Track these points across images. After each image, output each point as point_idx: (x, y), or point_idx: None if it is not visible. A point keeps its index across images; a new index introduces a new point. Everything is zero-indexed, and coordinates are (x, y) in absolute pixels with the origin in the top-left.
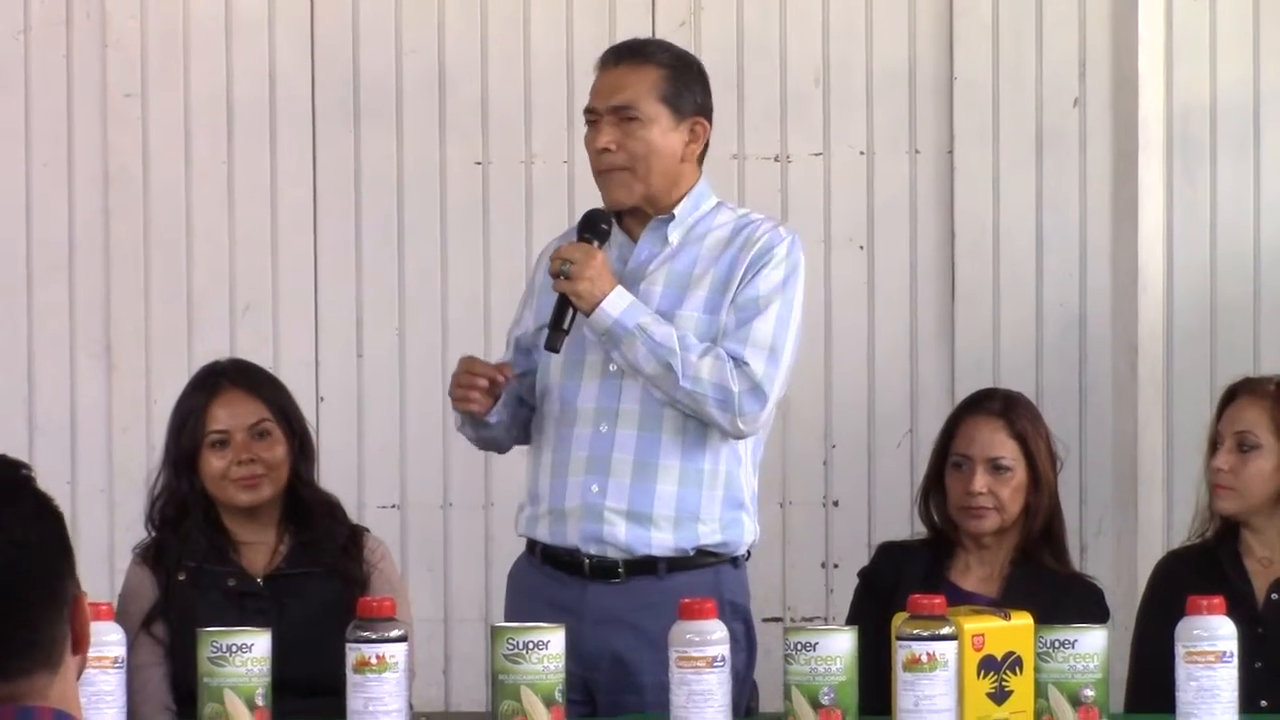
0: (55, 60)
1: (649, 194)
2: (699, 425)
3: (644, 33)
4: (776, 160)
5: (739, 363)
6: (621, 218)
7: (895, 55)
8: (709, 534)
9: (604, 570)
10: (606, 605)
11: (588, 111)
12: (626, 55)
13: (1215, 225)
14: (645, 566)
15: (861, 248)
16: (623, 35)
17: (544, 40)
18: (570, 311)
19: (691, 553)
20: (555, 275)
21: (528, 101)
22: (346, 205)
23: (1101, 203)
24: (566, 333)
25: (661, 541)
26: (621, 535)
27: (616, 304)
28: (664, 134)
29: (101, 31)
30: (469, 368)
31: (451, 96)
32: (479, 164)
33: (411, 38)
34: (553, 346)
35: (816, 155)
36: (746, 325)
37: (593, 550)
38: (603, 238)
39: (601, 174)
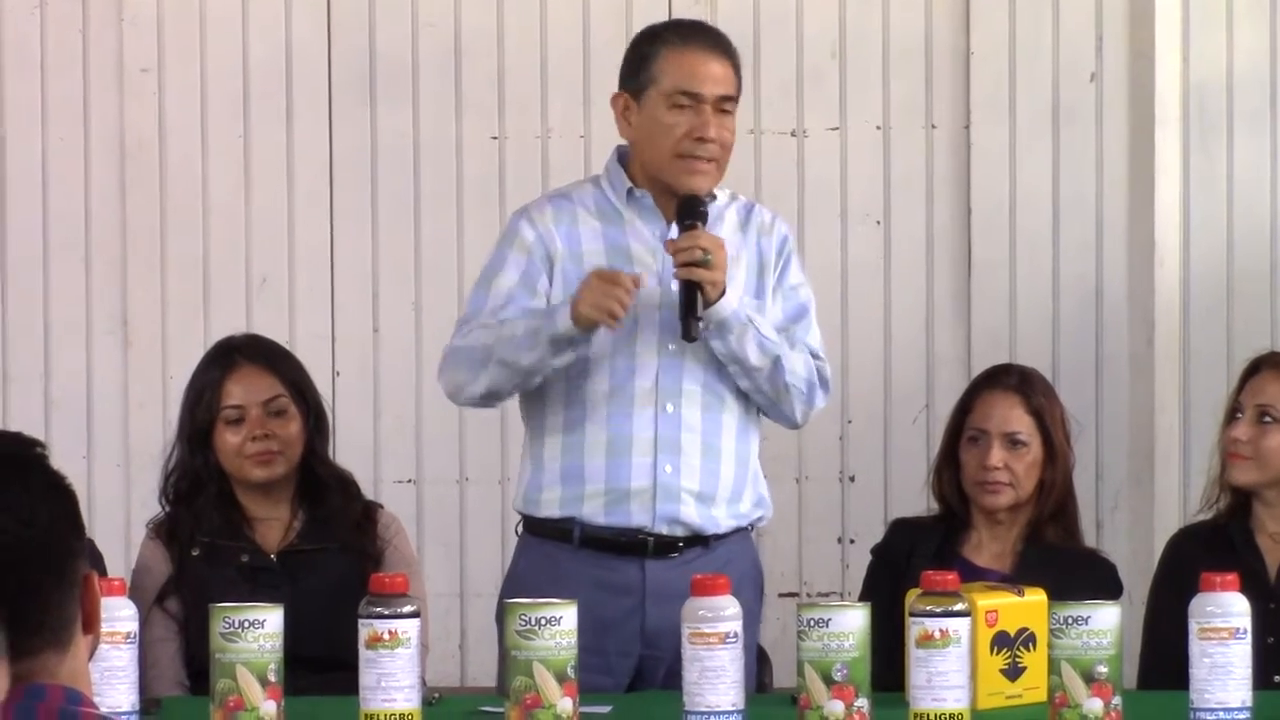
0: (71, 35)
1: (717, 183)
2: (747, 408)
3: (662, 9)
4: (793, 135)
5: (815, 358)
6: (653, 195)
7: (911, 30)
8: (748, 510)
9: (665, 548)
10: (668, 581)
11: (687, 95)
12: (723, 43)
13: (1232, 199)
14: (699, 542)
15: (878, 223)
16: (639, 11)
17: (560, 15)
18: (699, 300)
19: (736, 529)
20: (684, 261)
21: (544, 77)
22: (363, 180)
23: (1118, 177)
24: (701, 320)
25: (721, 519)
26: (694, 515)
27: (733, 295)
28: (732, 127)
29: (118, 6)
30: (613, 276)
31: (468, 72)
32: (495, 139)
33: (428, 12)
34: (693, 336)
35: (833, 130)
36: (805, 318)
37: (664, 530)
38: (704, 221)
39: (690, 160)
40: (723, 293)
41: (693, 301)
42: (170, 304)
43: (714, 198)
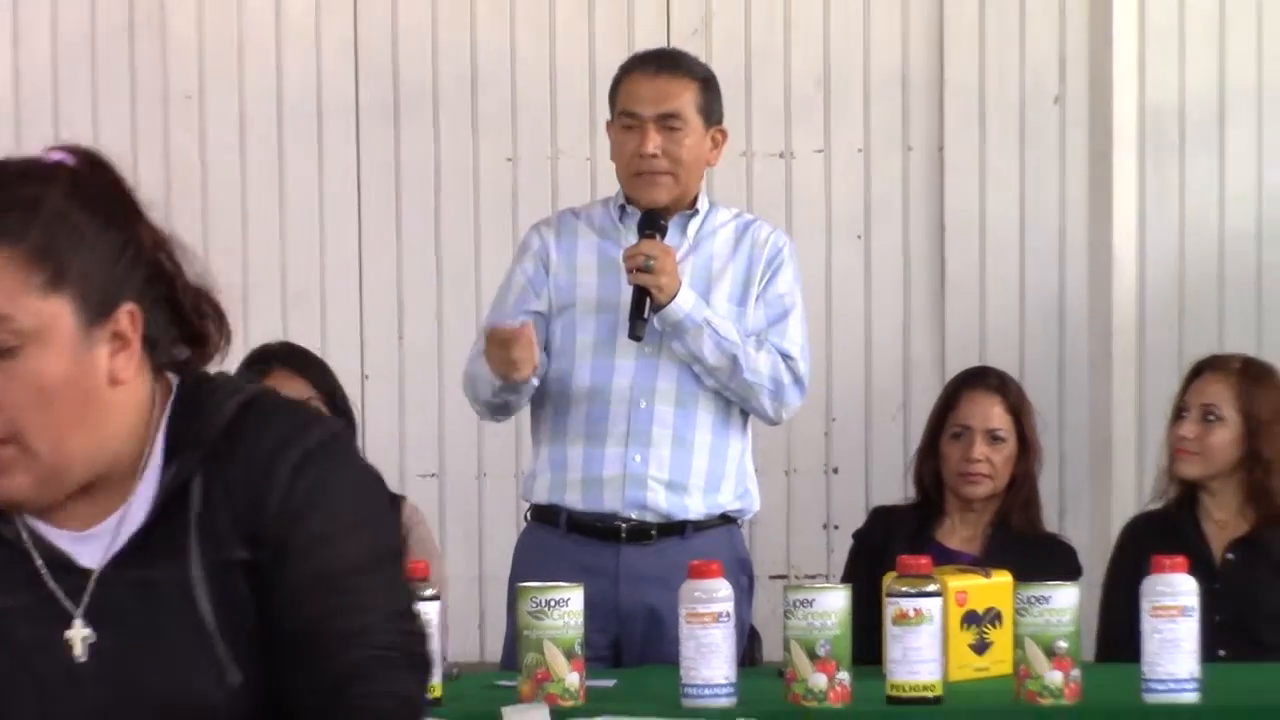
0: (120, 64)
1: (681, 195)
2: (725, 405)
3: (660, 40)
4: (781, 157)
5: (787, 358)
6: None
7: (890, 60)
8: (729, 501)
9: (638, 534)
10: (640, 566)
11: (628, 115)
12: (668, 65)
13: (1183, 216)
14: (674, 529)
15: (859, 237)
16: (641, 42)
17: (568, 46)
18: (648, 303)
19: (715, 517)
20: (635, 270)
21: (553, 102)
22: (388, 199)
23: (1079, 195)
24: (647, 323)
25: (694, 507)
26: (662, 502)
27: (687, 298)
28: (697, 141)
29: (162, 37)
30: (502, 337)
31: (483, 97)
32: (509, 160)
33: (446, 42)
34: (638, 335)
35: (818, 152)
36: (783, 322)
37: (633, 515)
38: (663, 233)
39: (642, 175)
40: (673, 297)
41: (640, 304)
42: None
43: (696, 211)
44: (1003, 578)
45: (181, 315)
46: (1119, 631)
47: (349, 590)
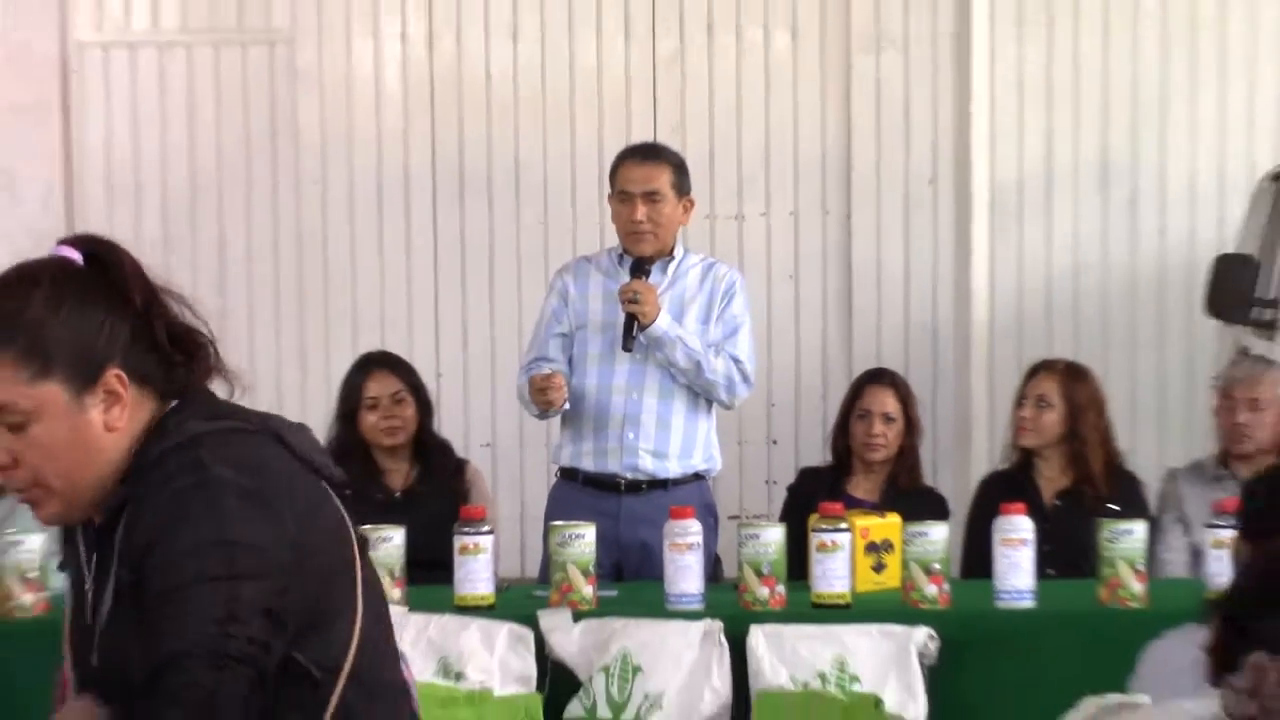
0: (265, 160)
1: (662, 247)
2: (694, 396)
3: (649, 135)
4: (735, 218)
5: (737, 361)
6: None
7: (813, 148)
8: (699, 463)
9: (633, 488)
10: (635, 510)
11: (623, 192)
12: (651, 155)
13: (1021, 262)
14: (659, 484)
15: (791, 277)
16: (637, 136)
17: (584, 140)
18: (635, 324)
19: (689, 475)
20: (627, 301)
21: (573, 181)
22: (455, 253)
23: (947, 248)
24: (635, 339)
25: (672, 468)
26: (650, 465)
27: (664, 321)
28: (672, 209)
29: (295, 140)
30: (543, 384)
31: (523, 180)
32: (541, 223)
33: (497, 140)
34: (629, 348)
35: (762, 215)
36: (735, 336)
37: (629, 475)
38: (647, 275)
39: (633, 234)
40: (654, 320)
41: (630, 325)
42: (332, 342)
43: (673, 258)
44: (894, 518)
45: (166, 352)
46: (977, 557)
47: (175, 602)
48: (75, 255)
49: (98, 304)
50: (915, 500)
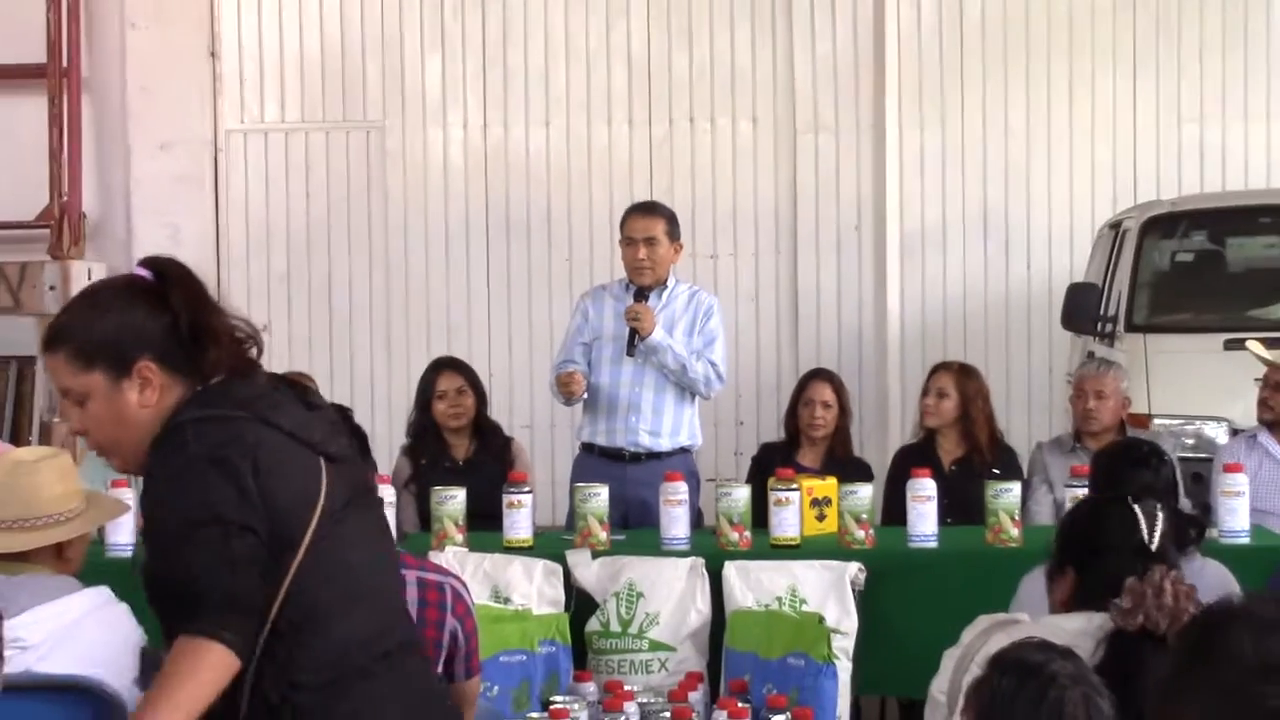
0: (362, 205)
1: (657, 279)
2: (681, 390)
3: (648, 195)
4: (711, 257)
5: (713, 364)
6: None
7: (768, 200)
8: (686, 439)
9: (636, 458)
10: (638, 475)
11: (628, 238)
12: (650, 210)
13: (925, 291)
14: (655, 456)
15: (753, 300)
16: (638, 195)
17: (599, 199)
18: (637, 336)
19: (678, 449)
20: (630, 318)
21: (591, 225)
22: (503, 286)
23: (869, 279)
24: (637, 347)
25: (665, 444)
26: (648, 441)
27: (659, 334)
28: (666, 250)
29: (384, 188)
30: (567, 380)
31: (554, 224)
32: (567, 259)
33: (535, 198)
34: (632, 354)
35: (730, 254)
36: (712, 345)
37: (632, 449)
38: (646, 299)
39: (636, 269)
40: (651, 333)
41: (632, 337)
42: (412, 350)
43: (666, 286)
44: (832, 481)
45: (190, 349)
46: (894, 509)
47: (168, 547)
48: (146, 273)
49: (138, 310)
50: (848, 467)
